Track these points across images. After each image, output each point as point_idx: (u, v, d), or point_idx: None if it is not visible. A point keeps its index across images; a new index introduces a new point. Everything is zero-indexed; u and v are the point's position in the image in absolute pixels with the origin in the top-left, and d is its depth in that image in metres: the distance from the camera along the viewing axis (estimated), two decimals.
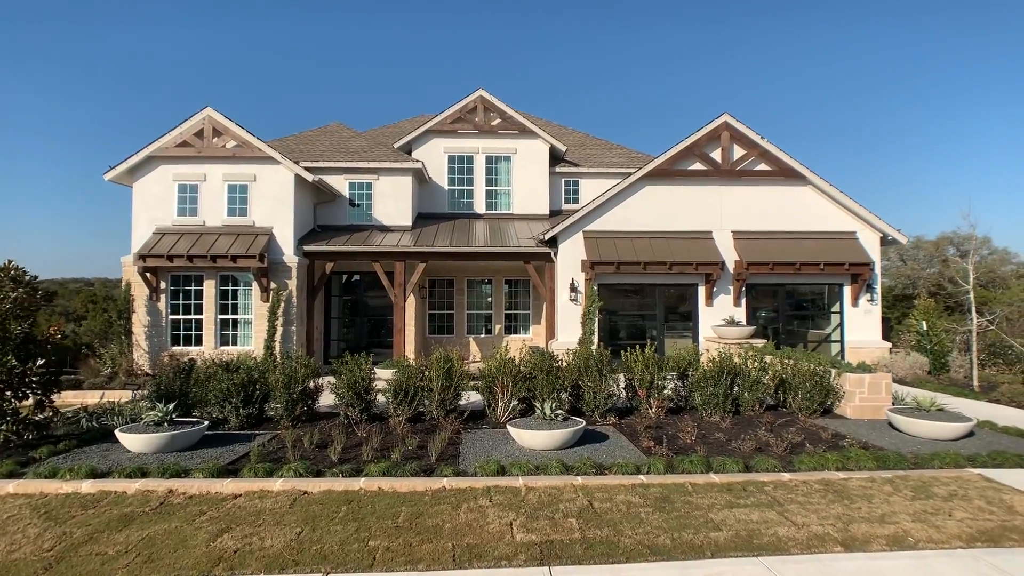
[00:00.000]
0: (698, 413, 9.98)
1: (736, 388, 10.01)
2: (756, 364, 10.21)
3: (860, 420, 9.71)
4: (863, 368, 10.16)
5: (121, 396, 12.61)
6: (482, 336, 19.61)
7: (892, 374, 12.54)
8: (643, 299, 16.99)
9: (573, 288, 16.01)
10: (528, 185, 19.77)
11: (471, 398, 10.62)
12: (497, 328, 19.63)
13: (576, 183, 20.39)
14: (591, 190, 19.81)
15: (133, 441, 7.79)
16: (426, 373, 9.75)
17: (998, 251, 36.50)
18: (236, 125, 15.91)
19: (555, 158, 20.31)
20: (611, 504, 5.93)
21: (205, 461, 7.42)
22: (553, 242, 16.29)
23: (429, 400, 9.66)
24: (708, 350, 12.64)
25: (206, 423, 8.55)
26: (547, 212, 19.71)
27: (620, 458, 7.44)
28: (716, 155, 16.30)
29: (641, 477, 6.70)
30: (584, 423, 8.29)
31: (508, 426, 8.34)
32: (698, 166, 16.31)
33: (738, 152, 16.34)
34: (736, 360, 10.09)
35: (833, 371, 10.25)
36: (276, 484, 6.52)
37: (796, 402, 10.02)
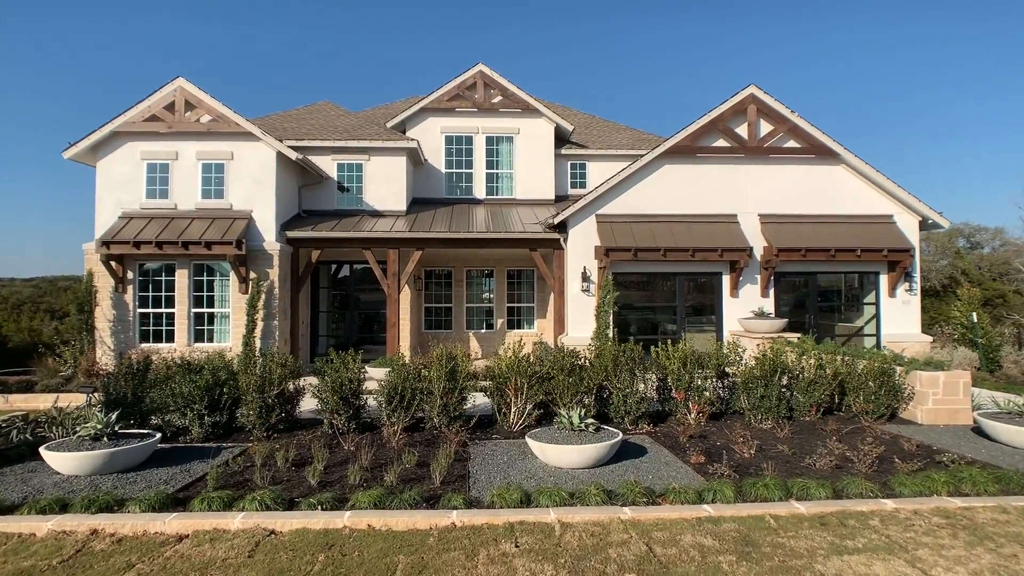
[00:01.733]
0: (745, 418, 8.54)
1: (785, 389, 8.59)
2: (813, 361, 8.76)
3: (936, 426, 8.29)
4: (935, 365, 8.73)
5: (76, 400, 11.04)
6: (482, 331, 18.11)
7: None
8: (659, 290, 15.54)
9: (585, 277, 14.52)
10: (532, 168, 18.24)
11: (476, 401, 9.17)
12: (499, 323, 18.14)
13: (583, 166, 18.87)
14: (599, 174, 18.30)
15: (62, 461, 6.25)
16: (425, 373, 8.27)
17: (1012, 243, 35.48)
18: (211, 97, 14.27)
19: (560, 139, 18.77)
20: (677, 549, 4.47)
21: (150, 486, 5.91)
22: (562, 227, 14.79)
23: (429, 405, 8.17)
24: (759, 346, 11.18)
25: (158, 436, 7.03)
26: (552, 197, 18.19)
27: (670, 479, 5.98)
28: (742, 131, 14.81)
29: (706, 507, 5.23)
30: (620, 435, 6.81)
31: (527, 438, 6.85)
32: (722, 143, 14.82)
33: (765, 128, 14.86)
34: (791, 357, 8.65)
35: (898, 369, 8.84)
36: (235, 521, 5.02)
37: (857, 404, 8.60)
